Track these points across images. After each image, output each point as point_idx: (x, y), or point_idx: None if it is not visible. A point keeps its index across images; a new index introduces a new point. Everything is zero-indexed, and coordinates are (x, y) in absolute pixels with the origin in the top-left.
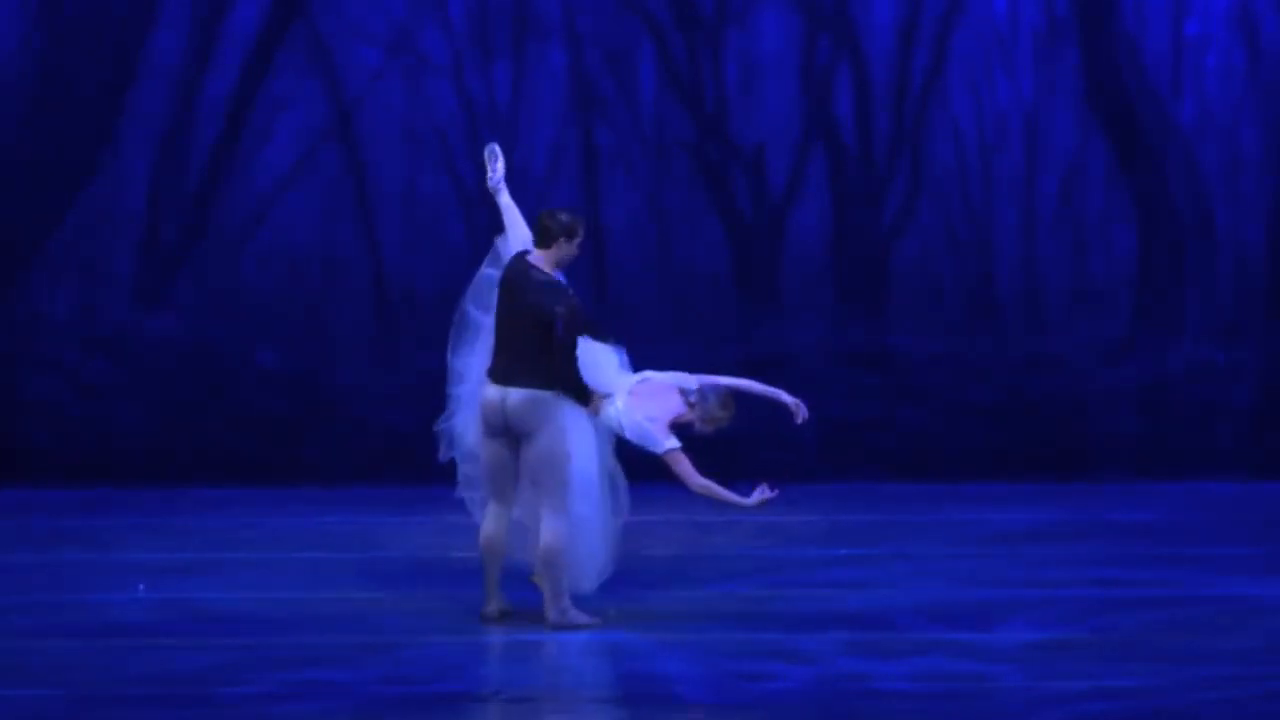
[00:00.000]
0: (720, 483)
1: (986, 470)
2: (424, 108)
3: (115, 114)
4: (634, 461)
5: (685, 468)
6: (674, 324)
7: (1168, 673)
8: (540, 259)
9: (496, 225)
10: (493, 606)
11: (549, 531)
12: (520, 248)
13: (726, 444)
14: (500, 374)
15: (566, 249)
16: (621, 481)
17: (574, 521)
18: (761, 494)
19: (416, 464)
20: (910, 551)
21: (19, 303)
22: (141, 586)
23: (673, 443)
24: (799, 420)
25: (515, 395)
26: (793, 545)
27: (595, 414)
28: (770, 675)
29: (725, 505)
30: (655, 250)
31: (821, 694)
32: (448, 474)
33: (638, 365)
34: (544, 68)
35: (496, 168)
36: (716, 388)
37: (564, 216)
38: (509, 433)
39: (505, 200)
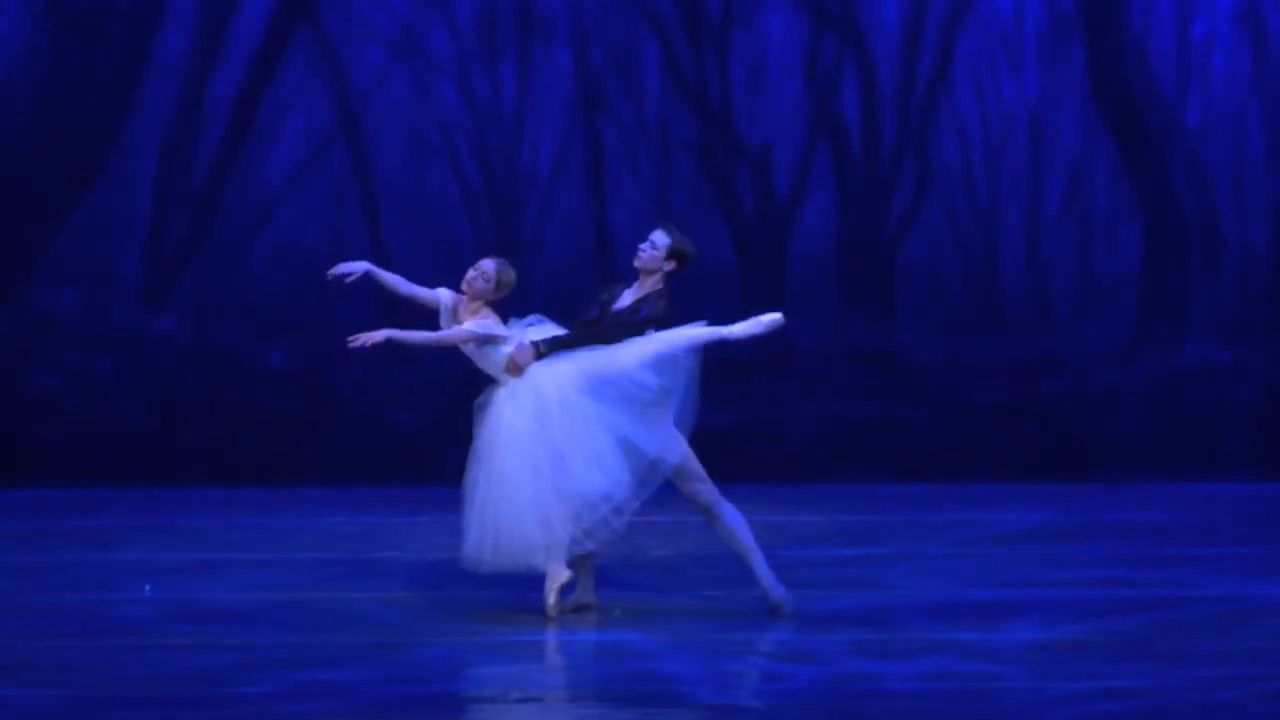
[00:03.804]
0: (723, 482)
1: (991, 470)
2: (430, 108)
3: (121, 114)
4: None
5: (474, 326)
6: (678, 323)
7: (1172, 673)
8: None
9: (500, 224)
10: (571, 599)
11: None
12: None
13: (728, 443)
14: None
15: None
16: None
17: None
18: None
19: (421, 464)
20: (914, 552)
21: (25, 302)
22: (148, 587)
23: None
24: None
25: None
26: (797, 545)
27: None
28: (775, 675)
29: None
30: None
31: (826, 694)
32: (451, 474)
33: None
34: (550, 67)
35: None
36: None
37: None
38: None
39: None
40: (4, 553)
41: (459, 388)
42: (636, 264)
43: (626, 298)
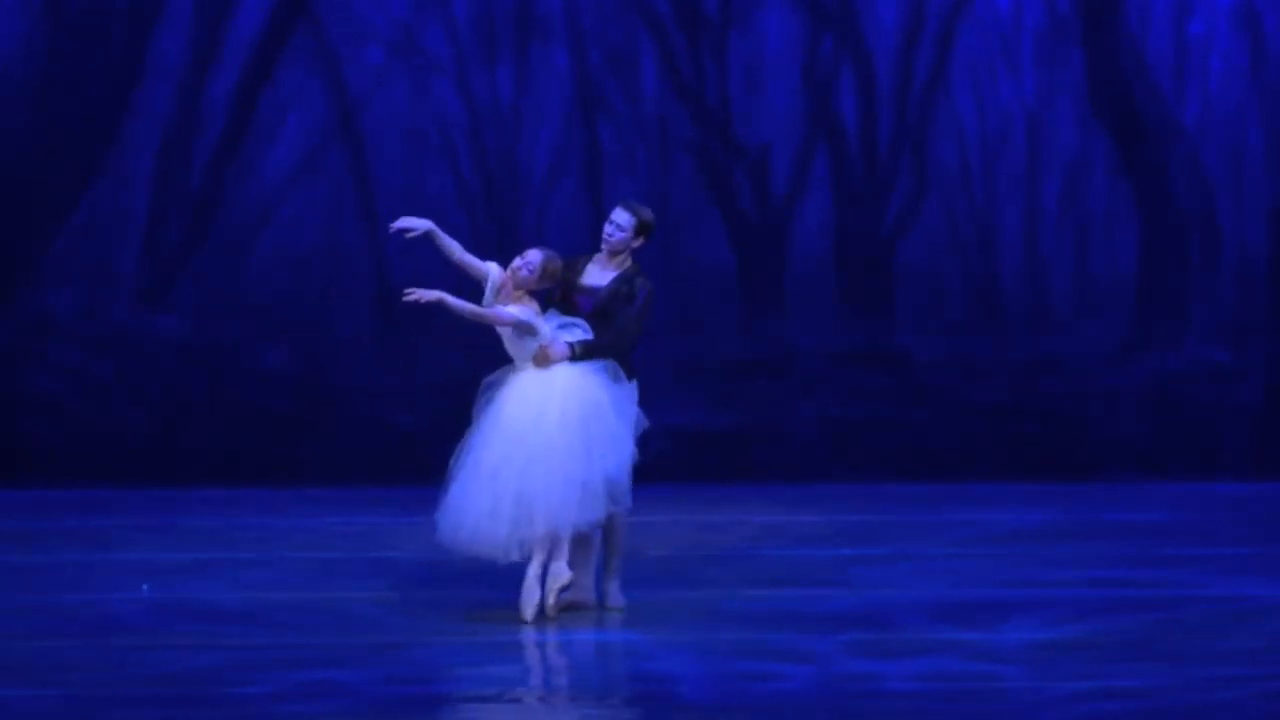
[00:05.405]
0: (723, 482)
1: (990, 470)
2: (428, 108)
3: (120, 114)
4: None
5: (518, 311)
6: (678, 323)
7: (1172, 673)
8: None
9: (499, 224)
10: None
11: None
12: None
13: (729, 444)
14: None
15: None
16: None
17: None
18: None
19: (421, 464)
20: (913, 552)
21: (24, 302)
22: (145, 586)
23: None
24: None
25: None
26: (796, 545)
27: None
28: (774, 675)
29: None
30: (659, 250)
31: (825, 694)
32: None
33: (642, 365)
34: (547, 68)
35: None
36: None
37: None
38: None
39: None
40: (4, 553)
41: (459, 388)
42: (605, 247)
43: (595, 274)
